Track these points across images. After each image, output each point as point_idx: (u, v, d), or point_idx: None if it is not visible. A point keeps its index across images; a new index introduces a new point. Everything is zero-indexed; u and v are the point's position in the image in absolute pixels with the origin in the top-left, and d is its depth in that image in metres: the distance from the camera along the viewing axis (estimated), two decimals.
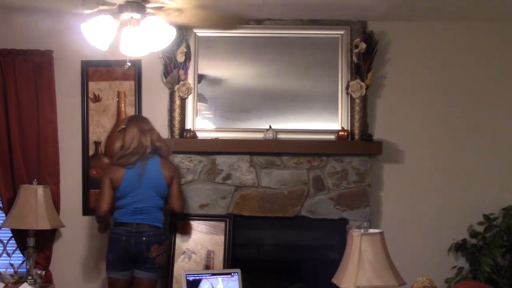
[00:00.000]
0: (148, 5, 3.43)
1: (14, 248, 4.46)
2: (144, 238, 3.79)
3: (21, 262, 4.44)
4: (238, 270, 3.53)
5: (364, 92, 4.34)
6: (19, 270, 4.41)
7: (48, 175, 4.38)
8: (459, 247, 4.35)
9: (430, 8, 4.22)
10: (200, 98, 4.48)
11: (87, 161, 4.46)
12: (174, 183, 3.94)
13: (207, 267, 4.22)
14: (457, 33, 4.51)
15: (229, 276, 3.49)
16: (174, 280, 4.20)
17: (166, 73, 4.39)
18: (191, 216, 4.33)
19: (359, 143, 4.32)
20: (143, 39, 3.46)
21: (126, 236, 3.79)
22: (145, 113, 4.47)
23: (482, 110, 4.49)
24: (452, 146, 4.48)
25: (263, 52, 4.49)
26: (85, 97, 4.48)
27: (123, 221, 3.83)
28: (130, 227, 3.81)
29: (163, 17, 3.48)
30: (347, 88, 4.38)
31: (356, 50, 4.33)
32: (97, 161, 4.47)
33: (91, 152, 4.48)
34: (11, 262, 4.45)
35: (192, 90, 4.41)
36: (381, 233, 3.08)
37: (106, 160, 4.37)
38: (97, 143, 4.47)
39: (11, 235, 4.40)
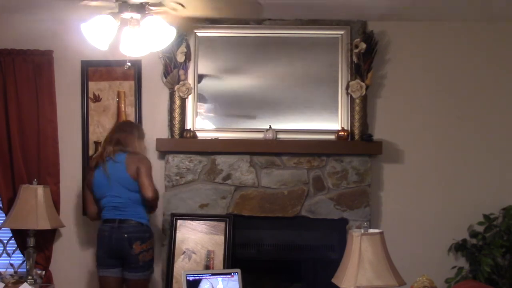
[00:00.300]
0: (150, 1, 3.43)
1: (14, 248, 4.46)
2: (125, 235, 3.85)
3: (21, 262, 4.44)
4: (238, 270, 3.52)
5: (364, 92, 4.34)
6: (19, 270, 4.41)
7: (48, 175, 4.38)
8: (459, 247, 4.35)
9: (430, 8, 4.22)
10: (200, 98, 4.48)
11: (87, 161, 4.46)
12: (141, 173, 3.93)
13: (207, 267, 4.22)
14: (457, 33, 4.51)
15: (229, 276, 3.49)
16: (174, 280, 4.20)
17: (166, 73, 4.39)
18: (191, 216, 4.33)
19: (359, 143, 4.32)
20: (143, 39, 3.47)
21: (109, 232, 3.90)
22: (145, 113, 4.48)
23: (482, 110, 4.49)
24: (452, 146, 4.48)
25: (263, 52, 4.49)
26: (85, 97, 4.48)
27: (107, 218, 3.95)
28: (113, 223, 3.91)
29: (167, 11, 3.47)
30: (347, 88, 4.38)
31: (356, 50, 4.33)
32: None
33: (91, 152, 4.47)
34: (11, 262, 4.45)
35: (192, 90, 4.41)
36: (381, 233, 3.08)
37: None
38: (97, 143, 4.47)
39: (11, 235, 4.40)
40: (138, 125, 4.33)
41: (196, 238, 4.29)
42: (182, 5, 3.49)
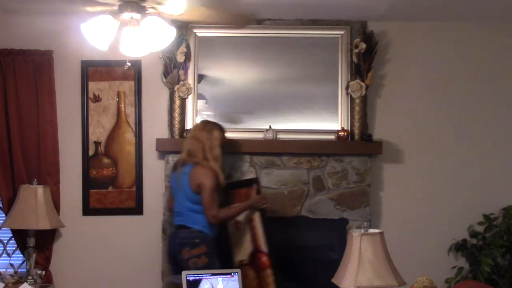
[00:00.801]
0: (148, 5, 3.43)
1: (14, 248, 4.46)
2: (177, 240, 3.83)
3: (21, 262, 4.43)
4: (238, 270, 3.52)
5: (364, 92, 4.34)
6: (19, 270, 4.41)
7: (48, 175, 4.38)
8: (459, 247, 4.35)
9: (430, 8, 4.22)
10: (200, 98, 4.48)
11: (87, 161, 4.46)
12: (203, 192, 3.78)
13: None
14: (457, 33, 4.51)
15: (229, 276, 3.49)
16: None
17: (166, 73, 4.39)
18: None
19: (359, 143, 4.32)
20: (143, 39, 3.46)
21: (169, 238, 3.99)
22: (145, 113, 4.48)
23: (482, 110, 4.49)
24: (452, 146, 4.49)
25: (263, 52, 4.49)
26: (85, 97, 4.48)
27: (173, 223, 3.99)
28: (173, 228, 3.96)
29: (164, 15, 3.48)
30: (347, 88, 4.38)
31: (356, 50, 4.33)
32: (97, 161, 4.47)
33: (91, 152, 4.48)
34: (11, 262, 4.45)
35: (192, 90, 4.41)
36: (381, 233, 3.08)
37: None
38: (97, 143, 4.47)
39: (11, 235, 4.39)
40: (215, 128, 3.99)
41: None
42: (180, 10, 3.48)
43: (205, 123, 4.07)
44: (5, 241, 4.47)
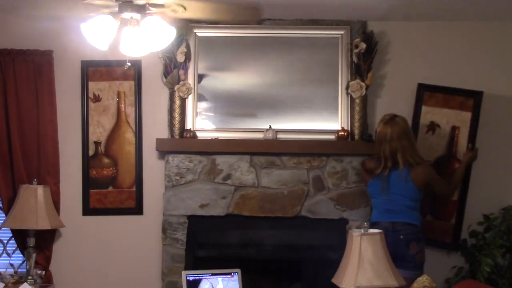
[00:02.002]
0: (150, 2, 3.43)
1: (14, 248, 4.46)
2: (402, 236, 3.82)
3: (21, 262, 4.43)
4: (238, 270, 3.53)
5: (364, 92, 4.34)
6: (19, 270, 4.41)
7: (48, 175, 4.38)
8: (459, 247, 4.35)
9: (430, 8, 4.22)
10: (200, 98, 4.48)
11: (87, 161, 4.46)
12: (434, 185, 4.00)
13: None
14: (457, 33, 4.50)
15: (229, 276, 3.49)
16: None
17: (166, 73, 4.39)
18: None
19: (359, 143, 4.32)
20: (143, 39, 3.46)
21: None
22: (145, 113, 4.48)
23: (482, 110, 4.49)
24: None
25: (263, 52, 4.49)
26: (85, 97, 4.48)
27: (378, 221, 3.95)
28: (386, 225, 3.87)
29: (167, 13, 3.48)
30: (347, 88, 4.38)
31: (356, 50, 4.33)
32: (97, 161, 4.47)
33: (91, 152, 4.48)
34: (11, 262, 4.45)
35: (192, 90, 4.41)
36: (381, 233, 3.09)
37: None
38: (97, 143, 4.47)
39: (11, 235, 4.40)
40: (405, 123, 4.00)
41: None
42: (184, 7, 3.48)
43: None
44: (5, 241, 4.48)
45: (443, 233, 4.37)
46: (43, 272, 4.32)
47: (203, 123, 4.47)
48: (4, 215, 4.35)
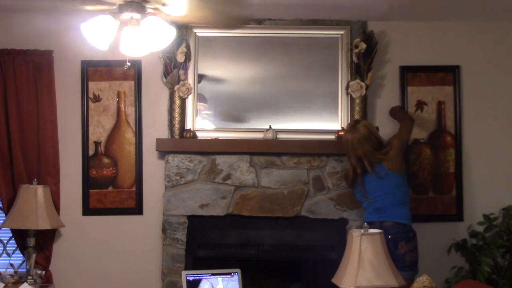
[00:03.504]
0: (148, 6, 3.44)
1: (14, 248, 4.46)
2: (390, 236, 3.79)
3: (21, 262, 4.43)
4: (238, 270, 3.53)
5: (364, 92, 4.34)
6: (19, 270, 4.41)
7: (48, 175, 4.38)
8: (459, 247, 4.35)
9: (430, 8, 4.22)
10: (200, 98, 4.48)
11: (87, 161, 4.46)
12: (404, 142, 4.06)
13: None
14: (457, 33, 4.51)
15: (229, 276, 3.49)
16: None
17: (166, 73, 4.39)
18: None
19: None
20: (143, 39, 3.47)
21: None
22: (145, 113, 4.48)
23: (482, 110, 4.49)
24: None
25: (263, 52, 4.49)
26: (85, 97, 4.48)
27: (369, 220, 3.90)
28: (376, 224, 3.84)
29: (163, 16, 3.48)
30: (347, 88, 4.38)
31: (356, 50, 4.33)
32: (97, 161, 4.47)
33: (91, 152, 4.48)
34: (11, 262, 4.44)
35: (192, 90, 4.41)
36: (381, 233, 3.09)
37: None
38: (97, 143, 4.47)
39: (11, 235, 4.39)
40: (364, 125, 4.06)
41: None
42: (181, 13, 3.49)
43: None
44: (5, 241, 4.47)
45: (447, 206, 4.45)
46: (43, 272, 4.32)
47: (203, 123, 4.47)
48: (4, 215, 4.35)
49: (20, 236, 4.32)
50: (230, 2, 3.91)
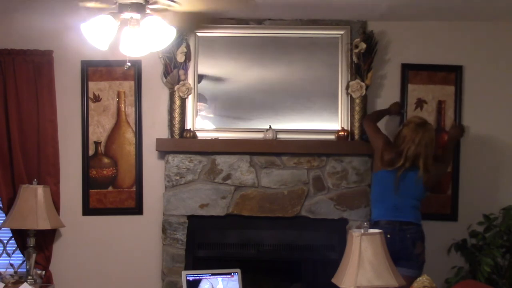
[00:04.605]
0: (148, 6, 3.43)
1: (14, 248, 4.46)
2: (408, 235, 3.87)
3: (21, 262, 4.44)
4: (238, 270, 3.53)
5: (364, 92, 4.34)
6: (19, 270, 4.41)
7: (48, 175, 4.38)
8: (459, 247, 4.35)
9: (430, 8, 4.22)
10: (200, 98, 4.48)
11: (87, 161, 4.47)
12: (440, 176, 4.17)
13: None
14: (457, 33, 4.50)
15: (229, 276, 3.49)
16: None
17: (166, 73, 4.39)
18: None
19: (359, 143, 4.32)
20: (143, 39, 3.46)
21: (393, 234, 3.86)
22: (145, 113, 4.48)
23: (481, 109, 4.49)
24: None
25: (263, 52, 4.49)
26: (85, 97, 4.48)
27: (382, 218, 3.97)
28: (393, 223, 3.91)
29: (164, 9, 3.48)
30: (347, 88, 4.38)
31: (356, 50, 4.33)
32: (97, 161, 4.47)
33: (91, 152, 4.48)
34: (11, 262, 4.45)
35: (192, 90, 4.41)
36: (381, 233, 3.09)
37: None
38: (97, 143, 4.47)
39: (11, 235, 4.40)
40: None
41: None
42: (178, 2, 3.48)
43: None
44: (5, 241, 4.48)
45: (442, 205, 4.47)
46: (43, 272, 4.33)
47: (203, 123, 4.48)
48: (4, 215, 4.35)
49: (20, 236, 4.33)
50: None
